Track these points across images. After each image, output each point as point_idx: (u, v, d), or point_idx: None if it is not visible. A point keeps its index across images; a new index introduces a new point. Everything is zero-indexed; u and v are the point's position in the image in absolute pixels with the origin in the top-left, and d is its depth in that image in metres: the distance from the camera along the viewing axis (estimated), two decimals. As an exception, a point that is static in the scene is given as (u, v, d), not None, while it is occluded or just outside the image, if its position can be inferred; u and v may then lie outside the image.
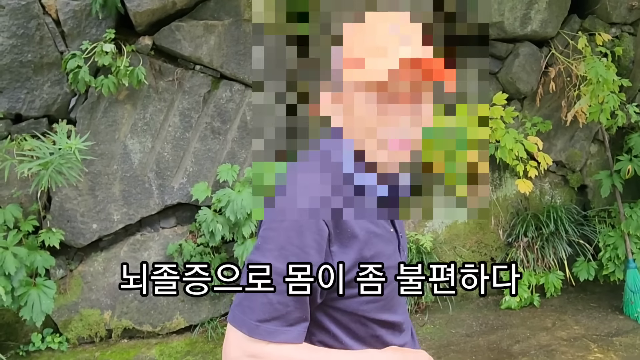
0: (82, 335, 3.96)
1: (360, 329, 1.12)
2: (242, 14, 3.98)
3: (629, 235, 4.45)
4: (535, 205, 4.84)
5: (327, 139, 1.03)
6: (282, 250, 1.02)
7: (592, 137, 4.93)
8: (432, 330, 4.17)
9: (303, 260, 1.02)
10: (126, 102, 3.89)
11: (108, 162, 3.89)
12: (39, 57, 3.64)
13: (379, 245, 1.12)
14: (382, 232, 1.14)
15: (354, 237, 1.07)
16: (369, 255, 1.08)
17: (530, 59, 4.56)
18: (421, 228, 4.60)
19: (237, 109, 4.09)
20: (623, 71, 4.66)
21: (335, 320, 1.11)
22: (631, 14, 4.78)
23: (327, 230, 1.04)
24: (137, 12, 3.70)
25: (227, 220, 3.84)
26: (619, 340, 3.90)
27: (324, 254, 1.04)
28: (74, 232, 3.86)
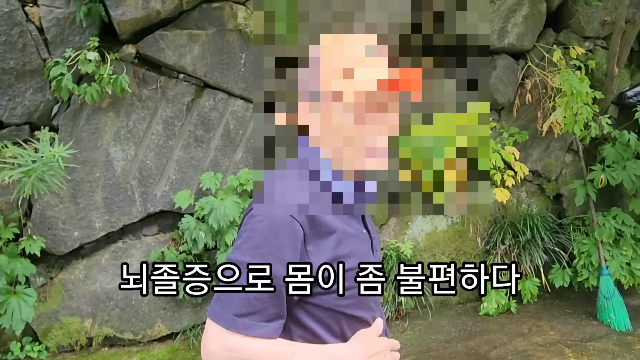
0: (62, 344, 3.94)
1: (337, 324, 1.17)
2: (225, 24, 4.03)
3: (602, 243, 4.57)
4: (512, 214, 4.95)
5: (305, 147, 1.08)
6: (259, 249, 1.08)
7: (567, 147, 5.06)
8: (412, 337, 4.23)
9: (278, 259, 1.08)
10: (109, 109, 3.90)
11: (90, 170, 3.89)
12: (22, 64, 3.64)
13: (354, 245, 1.18)
14: (355, 233, 1.21)
15: (329, 236, 1.13)
16: (343, 254, 1.14)
17: (507, 71, 4.69)
18: (401, 236, 4.67)
19: (220, 117, 4.13)
20: (596, 84, 4.80)
21: (313, 316, 1.15)
22: (604, 28, 4.94)
23: (302, 232, 1.10)
24: (121, 20, 3.72)
25: (210, 227, 3.86)
26: (593, 345, 4.00)
27: (299, 253, 1.10)
28: (55, 239, 3.85)
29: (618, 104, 5.03)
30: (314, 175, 1.06)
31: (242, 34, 4.06)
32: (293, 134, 1.06)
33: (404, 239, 4.65)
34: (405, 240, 4.60)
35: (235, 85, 4.10)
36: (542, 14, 4.75)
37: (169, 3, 3.79)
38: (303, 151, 1.07)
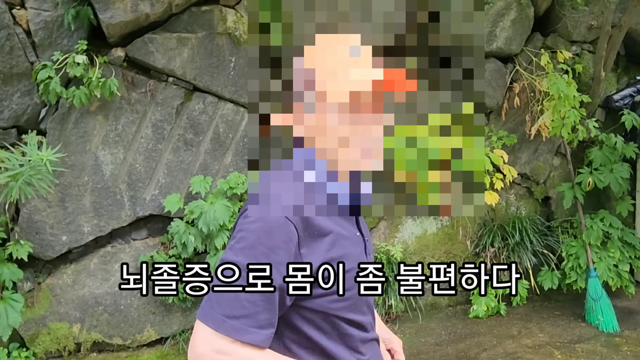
0: (50, 350, 3.89)
1: (330, 327, 1.16)
2: (215, 28, 4.02)
3: (590, 245, 4.60)
4: (501, 217, 4.98)
5: (300, 148, 1.08)
6: (252, 250, 1.07)
7: (555, 150, 5.11)
8: (402, 340, 4.20)
9: (272, 260, 1.06)
10: (98, 113, 3.88)
11: (79, 174, 3.86)
12: (9, 67, 3.61)
13: (347, 247, 1.17)
14: (349, 235, 1.20)
15: (322, 238, 1.12)
16: (337, 256, 1.13)
17: (495, 74, 4.72)
18: (391, 239, 4.68)
19: (210, 121, 4.12)
20: (583, 87, 4.86)
21: (306, 319, 1.14)
22: (590, 32, 5.00)
23: (296, 234, 1.09)
24: (110, 23, 3.70)
25: (200, 231, 3.84)
26: (581, 347, 4.03)
27: (293, 255, 1.09)
28: (42, 244, 3.81)
29: (605, 108, 5.09)
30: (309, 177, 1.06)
31: (232, 37, 4.05)
32: (289, 135, 1.06)
33: (394, 242, 4.66)
34: (395, 244, 4.61)
35: (225, 88, 4.09)
36: (529, 18, 4.80)
37: (158, 6, 3.78)
38: (298, 152, 1.07)
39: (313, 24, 1.04)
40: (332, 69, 1.05)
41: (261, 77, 1.05)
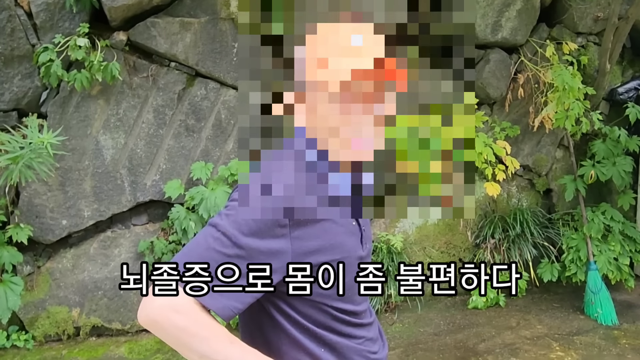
0: (49, 333, 3.91)
1: (319, 314, 1.17)
2: (218, 12, 3.98)
3: (591, 238, 4.59)
4: (503, 208, 4.97)
5: (300, 138, 1.06)
6: (239, 222, 1.05)
7: (558, 142, 5.08)
8: (401, 329, 4.24)
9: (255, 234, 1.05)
10: (99, 97, 3.86)
11: (79, 158, 3.85)
12: (10, 50, 3.58)
13: (341, 237, 1.16)
14: (344, 224, 1.19)
15: (314, 225, 1.11)
16: (328, 245, 1.13)
17: (500, 65, 4.68)
18: (392, 228, 4.68)
19: (212, 107, 4.10)
20: (588, 79, 4.81)
21: (293, 307, 1.15)
22: (596, 24, 4.95)
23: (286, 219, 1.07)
24: (112, 7, 3.67)
25: (200, 218, 3.84)
26: (579, 339, 4.03)
27: (282, 239, 1.07)
28: (42, 227, 3.81)
29: (609, 100, 5.05)
30: (310, 167, 1.04)
31: (235, 22, 4.02)
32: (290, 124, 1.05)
33: (394, 231, 4.65)
34: (395, 233, 4.61)
35: (227, 74, 4.06)
36: (535, 8, 4.74)
37: (161, -10, 3.74)
38: (299, 142, 1.05)
39: (315, 13, 1.02)
40: (333, 57, 1.03)
41: (252, 65, 1.03)
